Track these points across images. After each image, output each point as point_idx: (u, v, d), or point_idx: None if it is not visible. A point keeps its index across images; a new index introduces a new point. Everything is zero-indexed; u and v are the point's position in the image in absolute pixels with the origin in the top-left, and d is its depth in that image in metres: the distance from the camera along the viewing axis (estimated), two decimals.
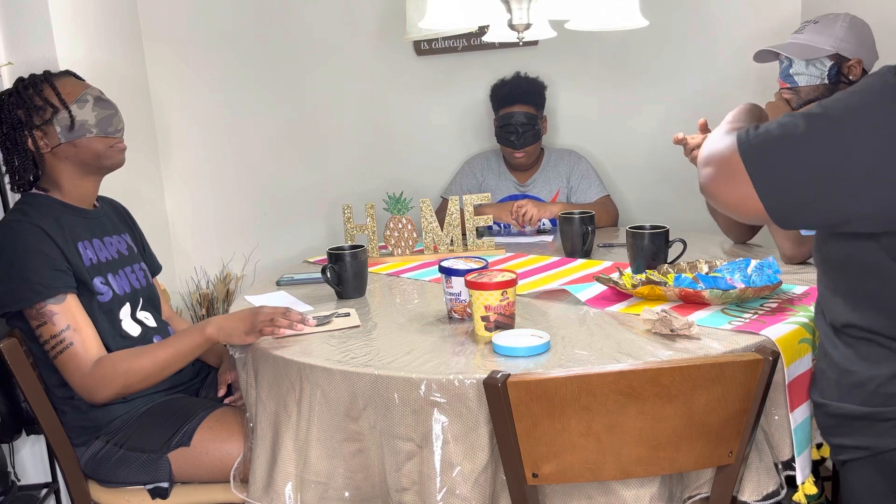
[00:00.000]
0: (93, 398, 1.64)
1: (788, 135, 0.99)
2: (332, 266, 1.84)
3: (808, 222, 1.04)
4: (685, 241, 1.87)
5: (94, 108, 1.74)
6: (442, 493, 1.24)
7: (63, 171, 1.75)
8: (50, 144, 1.73)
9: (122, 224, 1.93)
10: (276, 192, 3.12)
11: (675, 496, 1.30)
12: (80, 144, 1.73)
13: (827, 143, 0.97)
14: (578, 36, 2.08)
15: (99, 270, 1.74)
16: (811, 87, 1.95)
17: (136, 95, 2.84)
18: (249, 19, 2.98)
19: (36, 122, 1.71)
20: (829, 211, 0.99)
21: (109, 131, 1.76)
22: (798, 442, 1.31)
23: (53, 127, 1.72)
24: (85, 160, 1.75)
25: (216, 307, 2.96)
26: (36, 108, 1.71)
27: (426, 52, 3.00)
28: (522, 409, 1.14)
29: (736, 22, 2.87)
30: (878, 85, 0.97)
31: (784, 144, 0.99)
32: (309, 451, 1.36)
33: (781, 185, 1.00)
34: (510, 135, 2.66)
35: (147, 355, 1.65)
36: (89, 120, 1.73)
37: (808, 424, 1.33)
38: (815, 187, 0.98)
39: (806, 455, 1.33)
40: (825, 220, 1.02)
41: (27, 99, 1.72)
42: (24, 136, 1.71)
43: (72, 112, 1.72)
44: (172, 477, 1.67)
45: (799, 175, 0.98)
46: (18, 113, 1.72)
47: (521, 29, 1.71)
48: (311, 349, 1.45)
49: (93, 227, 1.79)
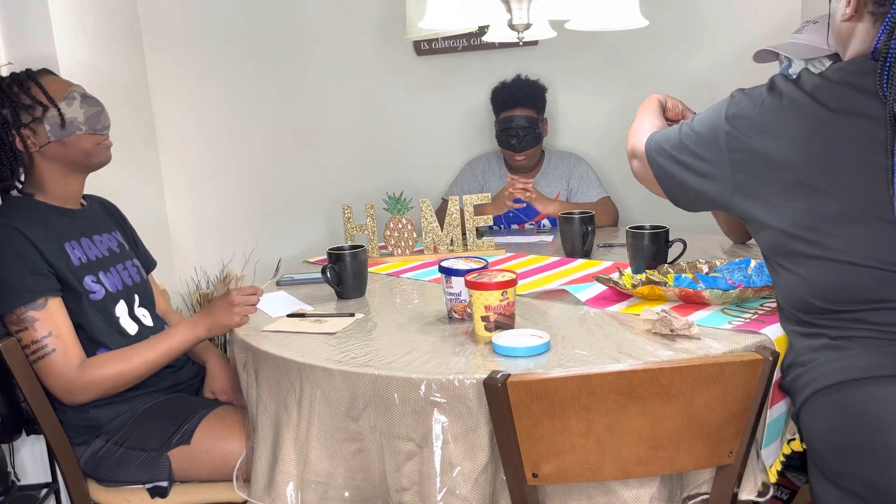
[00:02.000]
0: (76, 400, 1.64)
1: (669, 138, 1.36)
2: (332, 266, 1.83)
3: (692, 204, 1.36)
4: (685, 242, 1.88)
5: (81, 105, 1.72)
6: (442, 493, 1.24)
7: (49, 170, 1.73)
8: (38, 143, 1.70)
9: (112, 222, 1.92)
10: (276, 192, 3.12)
11: (675, 496, 1.30)
12: (69, 143, 1.71)
13: (687, 146, 1.32)
14: (578, 36, 2.08)
15: (89, 269, 1.73)
16: None
17: (136, 95, 2.84)
18: (250, 19, 2.98)
19: (24, 120, 1.68)
20: (696, 196, 1.33)
21: (98, 128, 1.75)
22: (769, 434, 1.31)
23: (43, 125, 1.69)
24: (73, 158, 1.73)
25: None
26: (24, 107, 1.69)
27: (426, 52, 3.00)
28: (522, 409, 1.14)
29: (736, 22, 2.87)
30: (722, 101, 1.29)
31: (666, 147, 1.37)
32: (309, 451, 1.36)
33: (666, 176, 1.37)
34: (511, 138, 2.66)
35: (137, 357, 1.66)
36: (78, 117, 1.71)
37: (781, 420, 1.34)
38: (683, 177, 1.33)
39: (775, 445, 1.34)
40: (699, 203, 1.35)
41: (13, 97, 1.69)
42: (11, 136, 1.68)
43: (61, 110, 1.70)
44: (172, 476, 1.67)
45: (673, 169, 1.35)
46: (4, 112, 1.68)
47: (521, 29, 1.71)
48: (312, 349, 1.45)
49: (80, 227, 1.78)
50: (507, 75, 2.78)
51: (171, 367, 1.84)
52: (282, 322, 1.66)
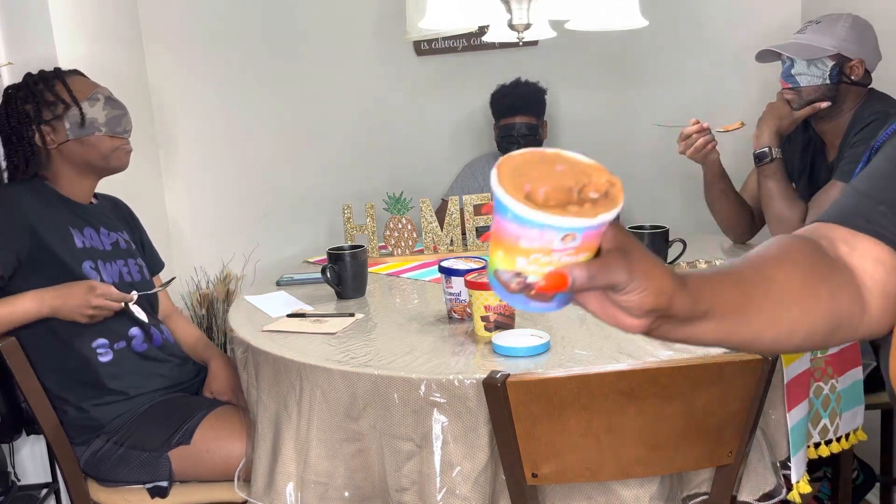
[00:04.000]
0: None
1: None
2: (331, 266, 1.83)
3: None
4: (685, 242, 1.87)
5: (104, 107, 1.75)
6: (442, 493, 1.24)
7: (64, 169, 1.75)
8: (57, 140, 1.73)
9: (120, 222, 1.92)
10: (276, 192, 3.12)
11: (675, 496, 1.30)
12: (87, 142, 1.73)
13: None
14: (579, 36, 2.08)
15: (90, 255, 1.74)
16: (813, 87, 1.94)
17: (136, 95, 2.84)
18: (249, 20, 2.98)
19: (45, 116, 1.71)
20: None
21: (118, 131, 1.77)
22: (794, 442, 1.31)
23: (63, 123, 1.72)
24: (90, 159, 1.75)
25: (216, 307, 2.96)
26: (47, 103, 1.71)
27: (426, 52, 3.00)
28: (522, 409, 1.14)
29: (737, 22, 2.87)
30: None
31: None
32: (309, 451, 1.36)
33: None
34: (511, 145, 2.66)
35: None
36: (99, 118, 1.74)
37: (804, 424, 1.34)
38: None
39: (801, 454, 1.33)
40: None
41: (37, 94, 1.72)
42: (31, 131, 1.71)
43: (82, 109, 1.72)
44: (172, 476, 1.67)
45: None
46: (27, 107, 1.71)
47: (521, 29, 1.71)
48: (312, 349, 1.45)
49: (87, 217, 1.79)
50: (507, 76, 2.77)
51: (171, 363, 1.84)
52: (282, 322, 1.66)
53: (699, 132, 2.03)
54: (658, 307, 0.65)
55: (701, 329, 0.71)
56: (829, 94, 1.94)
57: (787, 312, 0.74)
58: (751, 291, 0.73)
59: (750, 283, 0.74)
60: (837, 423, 1.47)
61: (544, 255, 0.60)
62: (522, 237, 0.60)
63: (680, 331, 0.71)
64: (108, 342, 1.73)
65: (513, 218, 0.60)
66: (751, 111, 2.21)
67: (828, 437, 1.45)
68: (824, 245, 0.80)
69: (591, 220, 0.59)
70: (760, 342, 0.75)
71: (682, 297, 0.67)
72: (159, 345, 1.82)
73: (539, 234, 0.59)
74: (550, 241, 0.59)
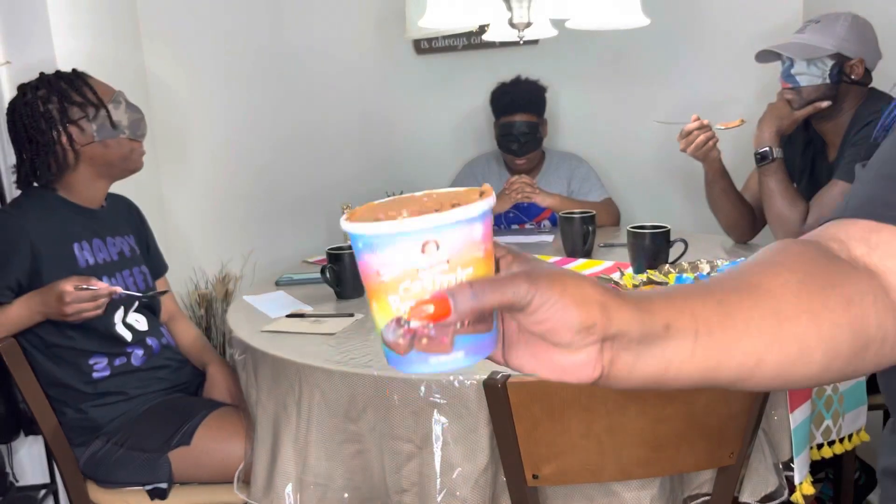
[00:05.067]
0: None
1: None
2: (331, 266, 1.83)
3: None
4: (686, 241, 1.87)
5: (126, 110, 1.75)
6: (442, 494, 1.24)
7: (82, 170, 1.74)
8: (81, 142, 1.71)
9: (128, 225, 1.92)
10: (276, 192, 3.11)
11: (676, 497, 1.30)
12: (110, 145, 1.73)
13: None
14: (579, 35, 2.07)
15: (95, 272, 1.73)
16: (813, 86, 1.94)
17: (135, 95, 2.80)
18: (249, 17, 2.98)
19: (73, 116, 1.70)
20: None
21: (138, 134, 1.79)
22: (797, 443, 1.30)
23: (90, 125, 1.71)
24: (110, 161, 1.75)
25: (215, 308, 2.96)
26: (76, 104, 1.70)
27: (426, 51, 2.99)
28: (522, 411, 1.14)
29: (738, 22, 2.86)
30: None
31: None
32: (308, 453, 1.36)
33: None
34: (511, 143, 2.65)
35: None
36: (123, 121, 1.74)
37: (807, 425, 1.33)
38: None
39: (804, 456, 1.32)
40: None
41: (63, 92, 1.70)
42: (56, 130, 1.69)
43: (109, 111, 1.72)
44: (172, 477, 1.66)
45: None
46: (50, 107, 1.69)
47: (522, 27, 1.70)
48: (311, 350, 1.45)
49: (95, 227, 1.78)
50: (507, 74, 2.77)
51: (170, 367, 1.84)
52: (281, 322, 1.66)
53: (700, 129, 2.02)
54: (588, 321, 0.53)
55: (674, 352, 0.57)
56: (829, 94, 1.94)
57: (791, 327, 0.60)
58: (731, 300, 0.59)
59: (730, 292, 0.60)
60: (840, 424, 1.46)
61: (412, 281, 0.51)
62: (381, 267, 0.51)
63: (647, 358, 0.57)
64: (107, 360, 1.73)
65: (364, 247, 0.52)
66: (751, 111, 2.20)
67: (831, 437, 1.45)
68: (835, 248, 0.66)
69: (444, 214, 0.50)
70: (764, 368, 0.60)
71: (623, 308, 0.55)
72: (158, 353, 1.82)
73: (393, 252, 0.50)
74: (411, 258, 0.50)
